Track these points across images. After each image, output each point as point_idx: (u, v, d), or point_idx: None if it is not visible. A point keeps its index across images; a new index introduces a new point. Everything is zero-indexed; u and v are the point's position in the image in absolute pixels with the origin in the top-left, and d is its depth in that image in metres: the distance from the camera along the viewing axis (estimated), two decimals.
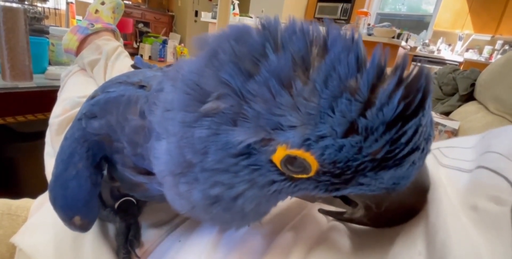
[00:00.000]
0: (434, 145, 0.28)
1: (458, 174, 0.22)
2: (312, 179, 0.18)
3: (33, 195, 0.49)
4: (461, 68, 1.47)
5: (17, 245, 0.35)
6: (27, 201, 0.47)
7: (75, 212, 0.29)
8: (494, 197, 0.18)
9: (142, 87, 0.28)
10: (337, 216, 0.24)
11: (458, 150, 0.26)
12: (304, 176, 0.17)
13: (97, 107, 0.30)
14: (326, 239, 0.24)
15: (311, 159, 0.16)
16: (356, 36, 0.16)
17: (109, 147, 0.30)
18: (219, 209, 0.20)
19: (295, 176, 0.18)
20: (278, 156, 0.17)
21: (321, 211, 0.25)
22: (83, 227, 0.30)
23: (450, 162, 0.24)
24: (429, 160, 0.25)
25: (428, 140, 0.17)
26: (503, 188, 0.18)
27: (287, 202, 0.27)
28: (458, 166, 0.23)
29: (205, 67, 0.17)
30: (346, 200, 0.22)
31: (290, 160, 0.17)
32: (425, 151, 0.17)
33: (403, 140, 0.15)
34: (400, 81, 0.15)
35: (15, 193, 0.53)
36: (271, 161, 0.17)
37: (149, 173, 0.27)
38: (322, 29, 0.18)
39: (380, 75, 0.16)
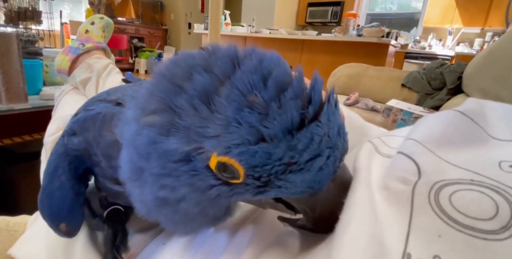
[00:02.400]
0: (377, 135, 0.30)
1: (386, 160, 0.24)
2: (243, 183, 0.20)
3: (31, 212, 0.51)
4: (454, 61, 1.49)
5: (13, 257, 0.37)
6: (24, 217, 0.49)
7: (60, 220, 0.31)
8: (402, 178, 0.20)
9: (119, 104, 0.31)
10: (292, 223, 0.25)
11: (395, 139, 0.28)
12: (237, 181, 0.19)
13: (77, 125, 0.32)
14: (279, 242, 0.26)
15: (237, 165, 0.18)
16: (268, 57, 0.19)
17: (89, 160, 0.32)
18: (168, 211, 0.22)
19: (230, 181, 0.20)
20: (212, 162, 0.19)
21: (280, 218, 0.26)
22: (69, 233, 0.32)
23: (387, 150, 0.26)
24: (367, 150, 0.27)
25: (334, 148, 0.19)
26: (411, 170, 0.20)
27: None
28: (389, 154, 0.25)
29: (151, 86, 0.20)
30: (289, 205, 0.23)
31: (222, 166, 0.19)
32: (331, 158, 0.19)
33: (300, 147, 0.18)
34: (296, 94, 0.18)
35: (14, 211, 0.55)
36: (208, 167, 0.19)
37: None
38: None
39: (284, 89, 0.18)
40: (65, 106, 0.82)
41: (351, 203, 0.20)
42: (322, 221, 0.22)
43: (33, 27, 2.18)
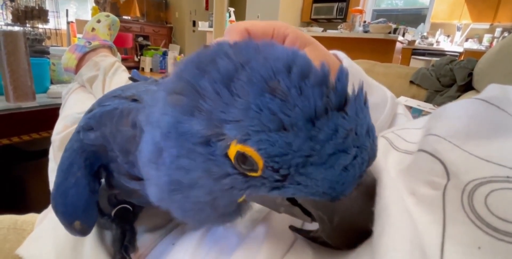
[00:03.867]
0: (388, 129, 0.29)
1: (406, 157, 0.22)
2: (260, 176, 0.19)
3: (40, 210, 0.51)
4: (462, 58, 1.47)
5: (21, 257, 0.36)
6: (32, 215, 0.49)
7: (75, 218, 0.31)
8: (430, 182, 0.18)
9: (135, 100, 0.30)
10: (305, 234, 0.24)
11: (410, 132, 0.26)
12: (255, 174, 0.19)
13: (93, 120, 0.32)
14: (296, 246, 0.24)
15: (256, 156, 0.17)
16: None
17: (105, 156, 0.32)
18: (180, 197, 0.22)
19: (247, 173, 0.19)
20: (231, 152, 0.18)
21: (291, 228, 0.25)
22: (83, 231, 0.31)
23: (405, 145, 0.24)
24: (381, 146, 0.25)
25: (362, 149, 0.18)
26: (438, 171, 0.18)
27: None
28: (407, 149, 0.24)
29: (179, 70, 0.21)
30: (306, 211, 0.22)
31: (242, 158, 0.18)
32: (358, 159, 0.18)
33: (321, 136, 0.17)
34: (319, 82, 0.17)
35: (23, 209, 0.55)
36: (226, 155, 0.19)
37: (140, 179, 0.29)
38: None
39: (307, 76, 0.17)
40: (72, 104, 0.82)
41: (381, 208, 0.18)
42: (338, 233, 0.21)
43: (40, 26, 2.19)
